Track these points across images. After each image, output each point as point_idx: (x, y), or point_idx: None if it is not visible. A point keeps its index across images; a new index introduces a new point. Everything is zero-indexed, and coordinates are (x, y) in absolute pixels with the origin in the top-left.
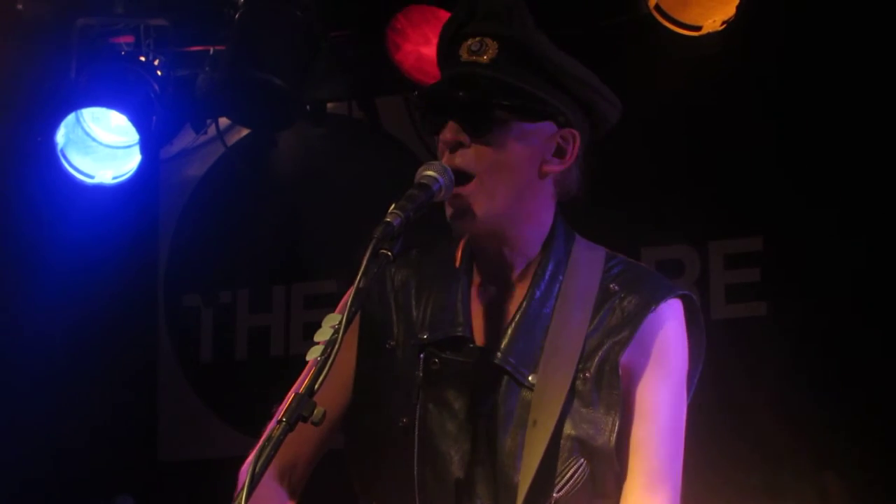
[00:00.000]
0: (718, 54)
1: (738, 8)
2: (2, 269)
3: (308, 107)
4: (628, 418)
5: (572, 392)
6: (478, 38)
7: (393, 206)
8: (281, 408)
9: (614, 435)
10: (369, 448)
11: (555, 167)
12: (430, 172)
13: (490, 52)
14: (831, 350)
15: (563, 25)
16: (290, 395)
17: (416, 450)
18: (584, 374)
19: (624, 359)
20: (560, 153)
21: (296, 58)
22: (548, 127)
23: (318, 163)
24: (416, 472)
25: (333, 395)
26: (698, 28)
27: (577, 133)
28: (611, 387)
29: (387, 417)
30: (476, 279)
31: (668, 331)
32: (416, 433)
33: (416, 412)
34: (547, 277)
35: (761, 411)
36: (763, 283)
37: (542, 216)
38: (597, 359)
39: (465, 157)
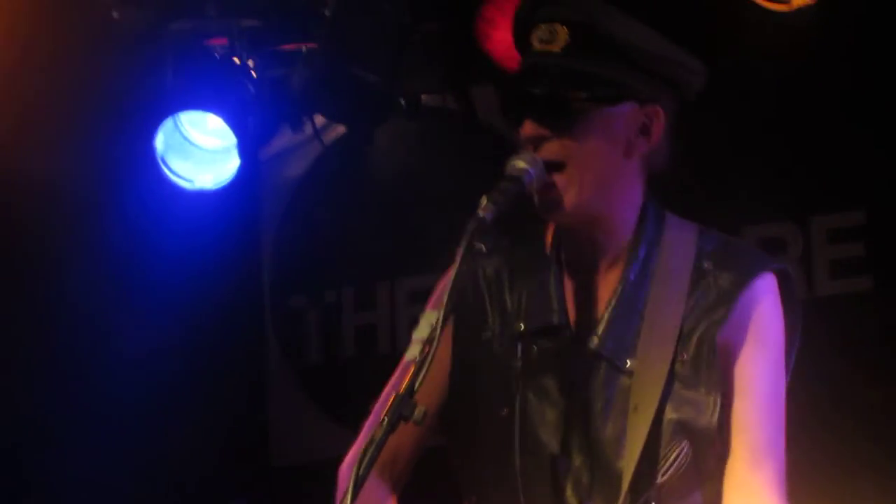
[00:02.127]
0: (812, 27)
1: None
2: (108, 279)
3: (402, 101)
4: (728, 396)
5: (672, 375)
6: (547, 25)
7: (485, 199)
8: (378, 406)
9: (716, 415)
10: (470, 441)
11: (642, 146)
12: (520, 164)
13: (561, 39)
14: None
15: (651, 5)
16: (387, 392)
17: (517, 439)
18: (683, 357)
19: (721, 337)
20: (645, 131)
21: (387, 52)
22: (629, 107)
23: (416, 156)
24: (517, 462)
25: (431, 392)
26: (788, 2)
27: (660, 109)
28: (710, 367)
29: (487, 409)
30: (568, 264)
31: (764, 306)
32: (517, 423)
33: (516, 402)
34: (640, 260)
35: (870, 387)
36: (868, 257)
37: (631, 197)
38: (694, 340)
39: (550, 150)
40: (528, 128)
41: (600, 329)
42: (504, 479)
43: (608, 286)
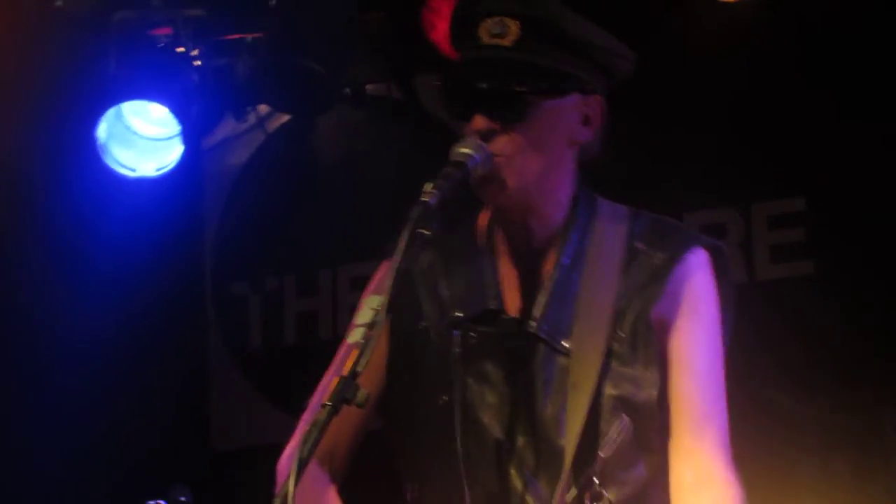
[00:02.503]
0: (756, 18)
1: None
2: (50, 266)
3: (347, 90)
4: (666, 370)
5: (609, 353)
6: (497, 18)
7: (429, 184)
8: (319, 392)
9: (656, 389)
10: (411, 429)
11: (583, 136)
12: (465, 150)
13: (512, 33)
14: (882, 306)
15: None
16: (327, 378)
17: (457, 425)
18: (619, 334)
19: (655, 313)
20: (587, 121)
21: (332, 41)
22: (574, 98)
23: (360, 144)
24: (459, 446)
25: (369, 381)
26: None
27: (600, 98)
28: (646, 343)
29: (426, 397)
30: (502, 251)
31: (695, 280)
32: (457, 409)
33: (456, 388)
34: (573, 243)
35: (810, 368)
36: (808, 243)
37: (566, 184)
38: (630, 317)
39: (499, 144)
40: (479, 122)
41: (536, 312)
42: (447, 466)
43: (543, 270)
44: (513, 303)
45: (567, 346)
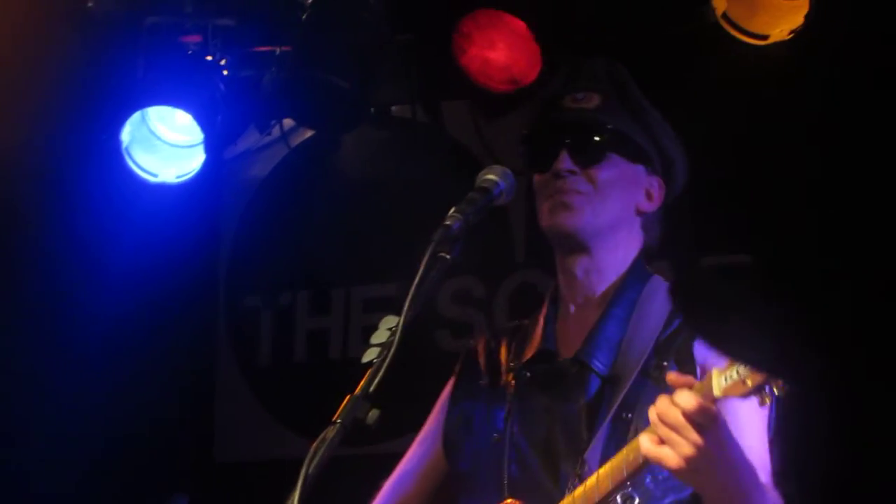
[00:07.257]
0: (785, 63)
1: (806, 17)
2: (65, 266)
3: (372, 109)
4: None
5: (647, 379)
6: (583, 92)
7: (453, 209)
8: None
9: None
10: (468, 470)
11: (647, 207)
12: (490, 176)
13: (594, 100)
14: None
15: (630, 33)
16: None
17: (506, 453)
18: (660, 363)
19: (697, 343)
20: (650, 196)
21: (361, 60)
22: (641, 170)
23: (381, 165)
24: (505, 473)
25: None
26: (766, 37)
27: (662, 181)
28: (686, 368)
29: (484, 440)
30: (562, 305)
31: None
32: (507, 439)
33: (507, 423)
34: (624, 299)
35: None
36: None
37: (628, 249)
38: (671, 349)
39: (577, 182)
40: (561, 161)
41: (584, 344)
42: (494, 490)
43: (594, 317)
44: (566, 346)
45: (610, 373)
